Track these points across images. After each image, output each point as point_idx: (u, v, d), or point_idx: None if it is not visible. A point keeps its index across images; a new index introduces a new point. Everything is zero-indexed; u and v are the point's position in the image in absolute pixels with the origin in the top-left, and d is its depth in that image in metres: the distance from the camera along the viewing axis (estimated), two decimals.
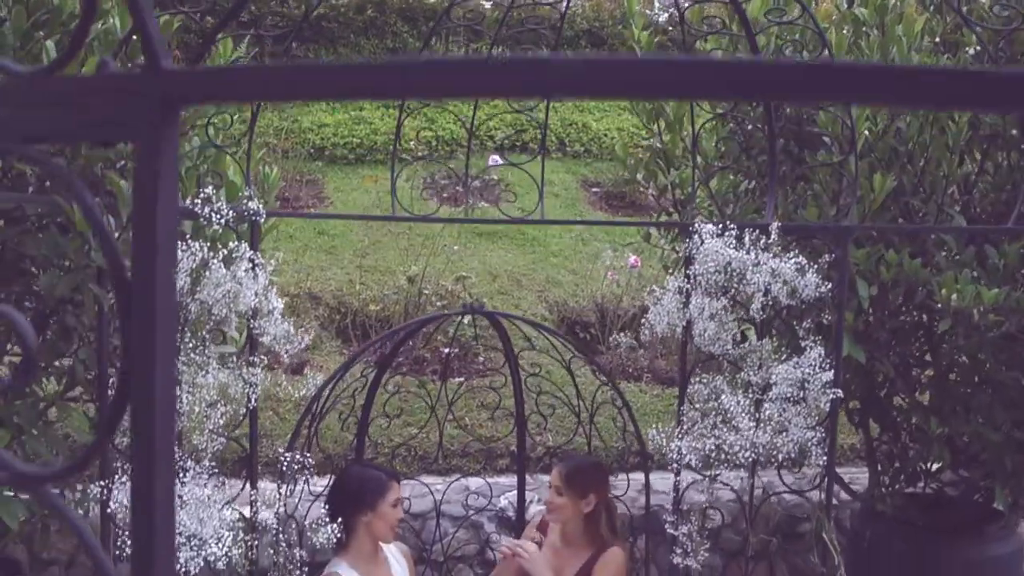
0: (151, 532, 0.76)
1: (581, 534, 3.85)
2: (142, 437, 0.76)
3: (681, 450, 3.31)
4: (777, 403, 3.23)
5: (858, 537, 4.92)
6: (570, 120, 9.05)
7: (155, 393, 0.73)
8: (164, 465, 0.76)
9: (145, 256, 0.70)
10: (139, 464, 0.79)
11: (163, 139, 0.72)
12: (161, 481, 0.77)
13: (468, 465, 5.66)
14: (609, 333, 6.90)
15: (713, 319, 3.29)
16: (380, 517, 3.63)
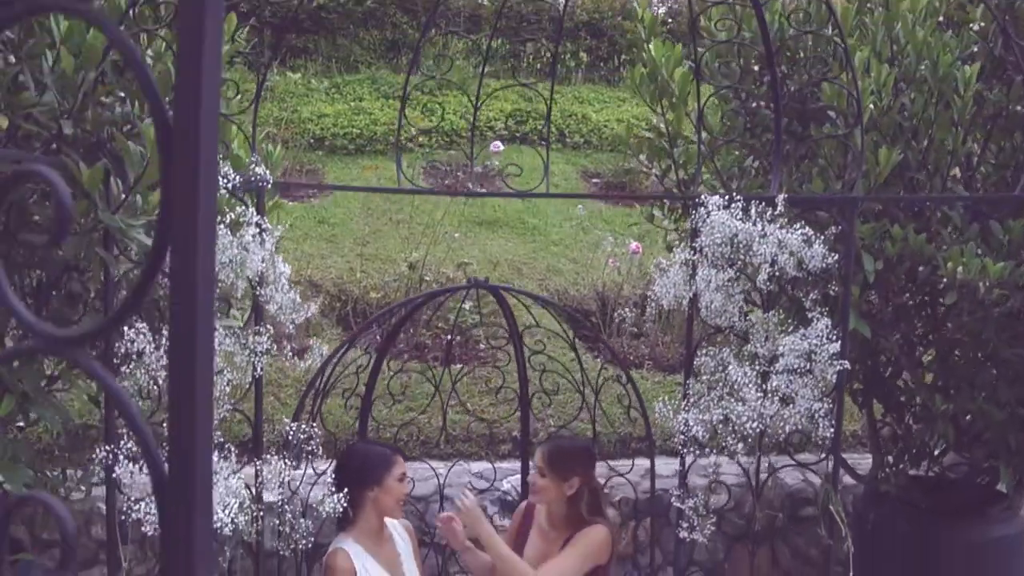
0: (192, 382, 0.75)
1: (564, 516, 3.78)
2: (183, 284, 0.75)
3: (688, 422, 3.30)
4: (784, 375, 3.22)
5: (862, 519, 4.91)
6: (570, 111, 9.05)
7: (197, 239, 0.73)
8: (204, 317, 0.76)
9: (189, 99, 0.70)
10: (179, 313, 0.78)
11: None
12: (203, 338, 0.76)
13: (470, 450, 5.65)
14: (610, 322, 6.90)
15: (720, 291, 3.29)
16: (386, 492, 3.62)
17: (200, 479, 0.82)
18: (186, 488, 0.82)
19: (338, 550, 3.61)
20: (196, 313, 0.79)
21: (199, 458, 0.82)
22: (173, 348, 0.80)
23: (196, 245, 0.79)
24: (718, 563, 5.38)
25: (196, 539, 0.83)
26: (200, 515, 0.83)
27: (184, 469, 0.82)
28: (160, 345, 2.74)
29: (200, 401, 0.79)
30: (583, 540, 3.67)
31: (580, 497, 3.71)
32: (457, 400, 5.60)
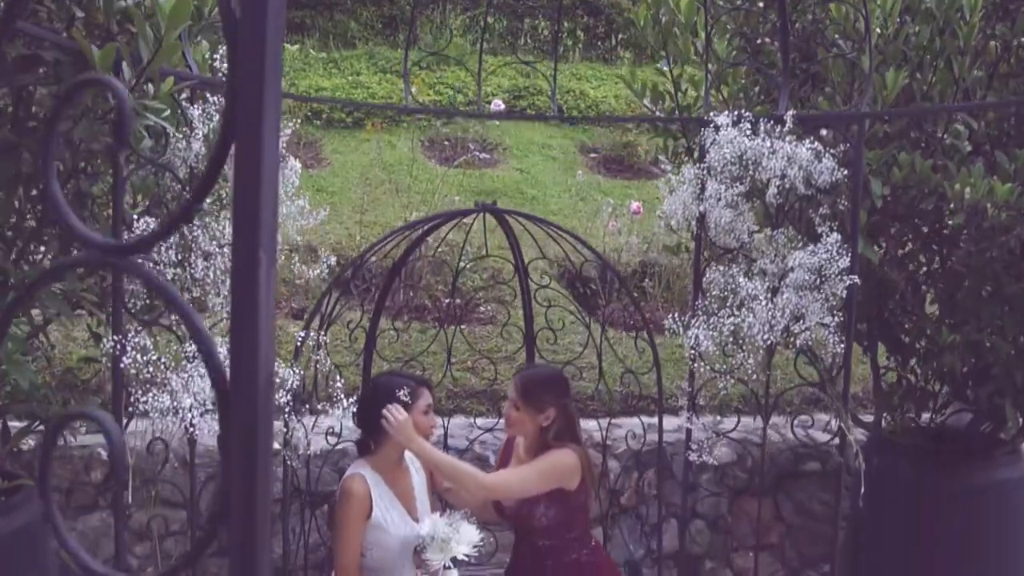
0: (255, 281, 0.75)
1: (540, 446, 3.70)
2: (247, 183, 0.75)
3: (698, 337, 3.28)
4: (793, 289, 3.21)
5: (866, 465, 4.90)
6: (568, 87, 9.06)
7: (263, 133, 0.74)
8: (268, 214, 0.76)
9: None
10: (242, 208, 0.77)
11: None
12: (267, 236, 0.76)
13: (472, 407, 5.63)
14: (610, 289, 6.89)
15: (728, 207, 3.28)
16: (412, 423, 3.58)
17: (262, 388, 0.82)
18: (251, 396, 0.82)
19: (356, 475, 3.58)
20: (260, 208, 0.79)
21: (261, 367, 0.82)
22: (237, 247, 0.79)
23: (262, 140, 0.79)
24: (720, 516, 5.37)
25: (259, 446, 0.83)
26: (262, 424, 0.83)
27: (247, 377, 0.82)
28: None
29: (263, 313, 0.80)
30: (545, 459, 3.59)
31: (555, 426, 3.62)
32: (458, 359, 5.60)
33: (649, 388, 5.75)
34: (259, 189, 0.80)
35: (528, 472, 3.53)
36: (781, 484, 5.43)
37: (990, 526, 4.70)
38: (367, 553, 3.58)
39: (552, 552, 3.69)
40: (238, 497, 0.82)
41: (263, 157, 0.80)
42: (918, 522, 4.70)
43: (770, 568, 5.37)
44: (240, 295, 0.80)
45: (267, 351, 0.82)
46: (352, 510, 3.49)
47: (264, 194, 0.80)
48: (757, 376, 3.33)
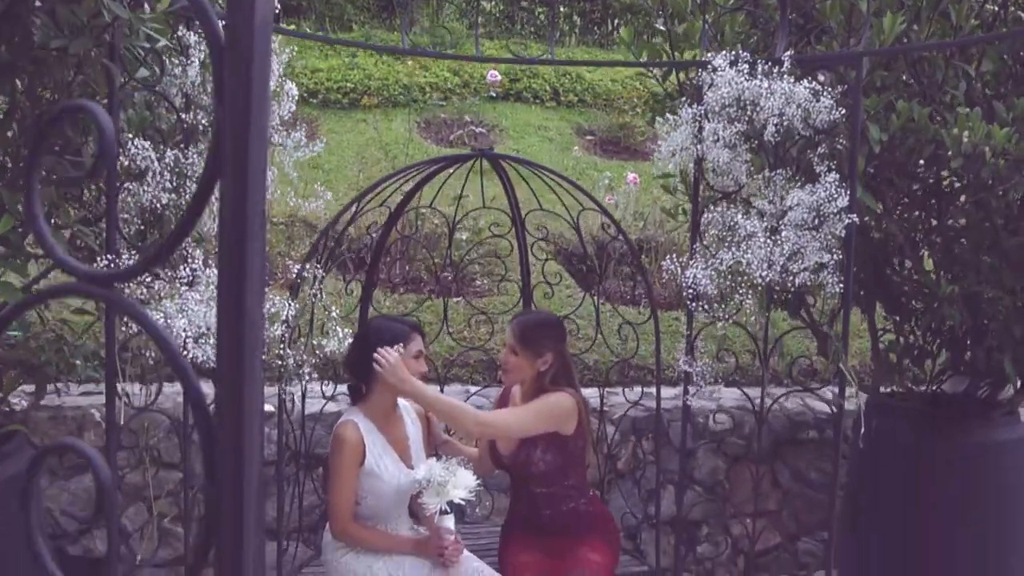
0: (241, 314, 0.73)
1: (538, 391, 3.68)
2: (235, 219, 0.74)
3: (696, 277, 3.26)
4: (792, 228, 3.19)
5: (865, 428, 4.88)
6: (564, 70, 9.05)
7: (248, 168, 0.72)
8: (255, 252, 0.74)
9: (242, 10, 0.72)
10: (230, 248, 0.75)
11: None
12: (253, 273, 0.74)
13: (468, 375, 5.60)
14: (606, 265, 6.88)
15: (726, 147, 3.26)
16: None
17: (248, 435, 0.78)
18: (238, 437, 0.78)
19: (348, 422, 3.55)
20: (246, 248, 0.76)
21: (247, 412, 0.78)
22: (223, 284, 0.76)
23: (247, 175, 0.76)
24: (718, 482, 5.35)
25: (245, 485, 0.78)
26: (248, 457, 0.79)
27: (234, 420, 0.78)
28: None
29: (248, 346, 0.76)
30: (542, 400, 3.57)
31: (552, 371, 3.61)
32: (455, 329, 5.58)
33: (646, 359, 5.75)
34: (244, 245, 0.76)
35: (525, 412, 3.50)
36: (779, 452, 5.42)
37: (988, 488, 4.68)
38: (361, 501, 3.55)
39: (549, 500, 3.66)
40: (227, 528, 0.78)
41: (248, 198, 0.76)
42: (917, 484, 4.67)
43: (767, 535, 5.35)
44: (225, 352, 0.76)
45: (253, 395, 0.77)
46: (345, 456, 3.46)
47: (251, 239, 0.76)
48: (756, 318, 3.31)
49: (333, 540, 3.60)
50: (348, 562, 3.54)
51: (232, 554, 0.76)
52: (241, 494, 0.78)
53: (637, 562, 4.12)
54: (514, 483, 3.81)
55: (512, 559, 3.65)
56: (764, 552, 5.37)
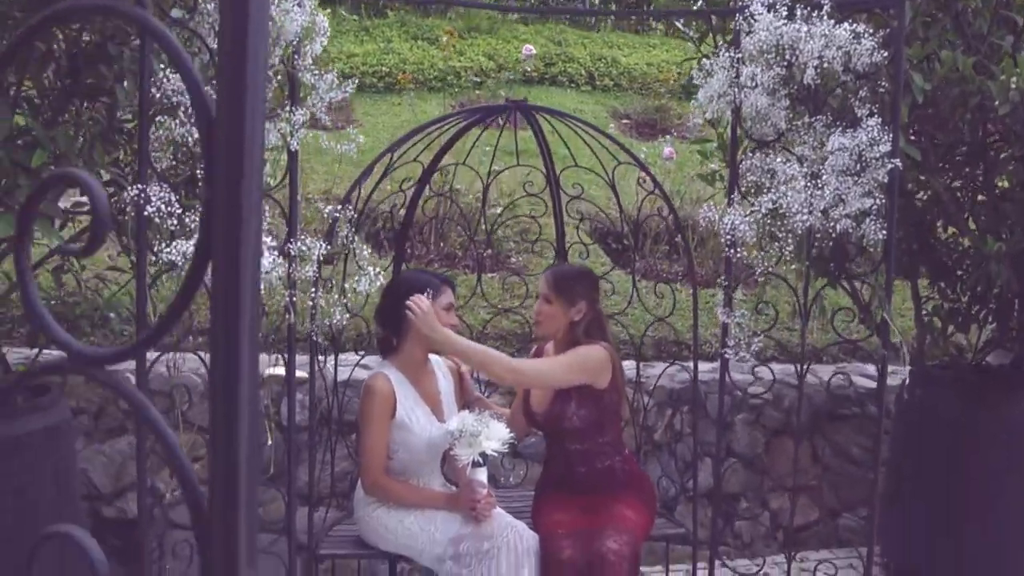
0: (236, 404, 0.69)
1: (570, 343, 3.63)
2: (226, 305, 0.70)
3: (734, 223, 3.19)
4: (833, 174, 3.11)
5: (909, 399, 4.78)
6: (599, 55, 9.00)
7: (241, 251, 0.69)
8: (249, 344, 0.70)
9: (233, 88, 0.68)
10: (222, 338, 0.71)
11: None
12: (248, 358, 0.69)
13: (503, 348, 5.56)
14: (643, 242, 6.82)
15: (765, 92, 3.19)
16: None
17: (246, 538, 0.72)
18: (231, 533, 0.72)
19: (378, 373, 3.52)
20: (240, 343, 0.72)
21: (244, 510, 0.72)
22: (215, 366, 0.72)
23: (240, 260, 0.72)
24: (756, 455, 5.26)
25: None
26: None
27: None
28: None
29: (242, 435, 0.71)
30: (575, 351, 3.51)
31: (586, 322, 3.56)
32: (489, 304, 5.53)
33: (683, 334, 5.68)
34: (239, 324, 0.72)
35: (557, 361, 3.46)
36: (819, 426, 5.31)
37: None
38: (393, 456, 3.52)
39: (584, 457, 3.60)
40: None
41: (240, 282, 0.72)
42: (961, 456, 4.57)
43: (807, 510, 5.25)
44: (219, 434, 0.72)
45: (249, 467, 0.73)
46: (375, 407, 3.43)
47: (244, 330, 0.72)
48: (795, 266, 3.23)
49: (365, 495, 3.57)
50: (380, 517, 3.51)
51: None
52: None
53: (673, 525, 4.04)
54: (548, 441, 3.75)
55: (546, 518, 3.59)
56: (803, 527, 5.26)
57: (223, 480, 0.66)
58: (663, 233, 7.04)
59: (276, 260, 2.68)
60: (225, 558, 0.65)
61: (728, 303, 3.38)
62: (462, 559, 3.35)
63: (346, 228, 3.11)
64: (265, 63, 0.71)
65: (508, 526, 3.37)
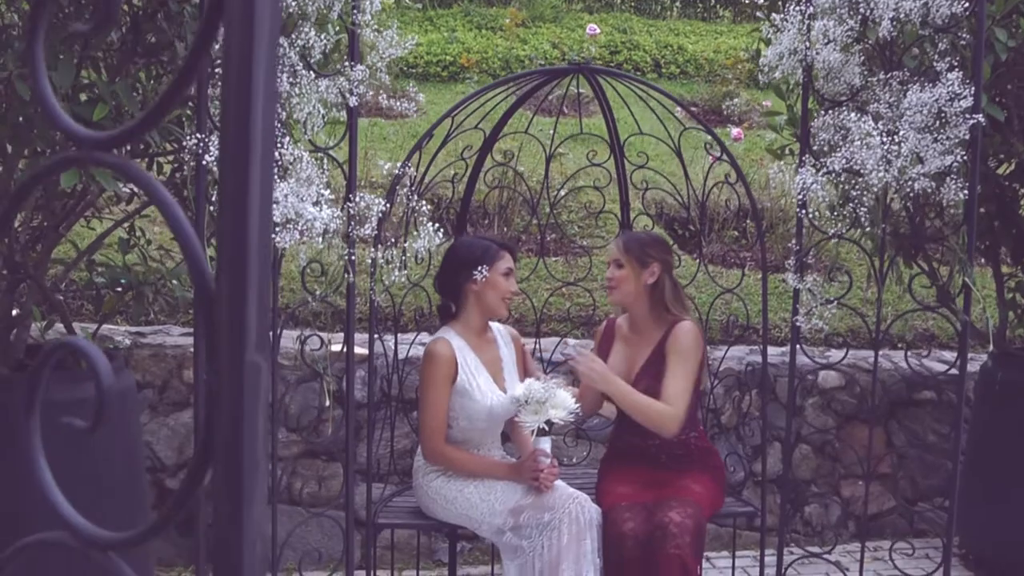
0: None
1: (648, 314, 3.56)
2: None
3: (806, 182, 3.06)
4: (911, 132, 2.97)
5: (991, 383, 4.58)
6: (665, 43, 8.87)
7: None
8: (266, 140, 0.62)
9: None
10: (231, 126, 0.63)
11: None
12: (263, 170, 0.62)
13: (566, 329, 5.48)
14: (710, 230, 6.69)
15: (838, 48, 3.06)
16: (490, 286, 3.46)
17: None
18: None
19: (440, 339, 3.47)
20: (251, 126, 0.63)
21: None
22: (224, 175, 0.63)
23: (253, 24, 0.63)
24: (828, 441, 5.09)
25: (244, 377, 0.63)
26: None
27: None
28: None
29: (253, 210, 0.63)
30: (679, 345, 3.45)
31: (660, 287, 3.49)
32: (552, 286, 5.46)
33: (752, 319, 5.54)
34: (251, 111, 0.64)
35: (682, 369, 3.42)
36: (893, 412, 5.13)
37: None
38: (453, 424, 3.46)
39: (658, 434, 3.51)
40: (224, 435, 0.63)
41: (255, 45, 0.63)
42: None
43: (880, 498, 5.06)
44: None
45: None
46: (437, 371, 3.37)
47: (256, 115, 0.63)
48: (871, 227, 3.09)
49: (424, 464, 3.52)
50: (439, 487, 3.45)
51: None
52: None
53: (741, 504, 3.92)
54: (622, 413, 3.65)
55: (609, 491, 3.51)
56: (876, 516, 5.08)
57: (231, 259, 0.59)
58: (730, 219, 6.91)
59: (335, 213, 2.64)
60: (232, 340, 0.57)
61: (799, 268, 3.25)
62: (522, 530, 3.28)
63: (407, 187, 3.06)
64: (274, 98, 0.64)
65: (570, 497, 3.29)
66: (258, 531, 0.58)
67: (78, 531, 0.69)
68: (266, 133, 0.62)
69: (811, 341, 5.26)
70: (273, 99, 0.65)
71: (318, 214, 2.51)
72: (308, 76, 2.73)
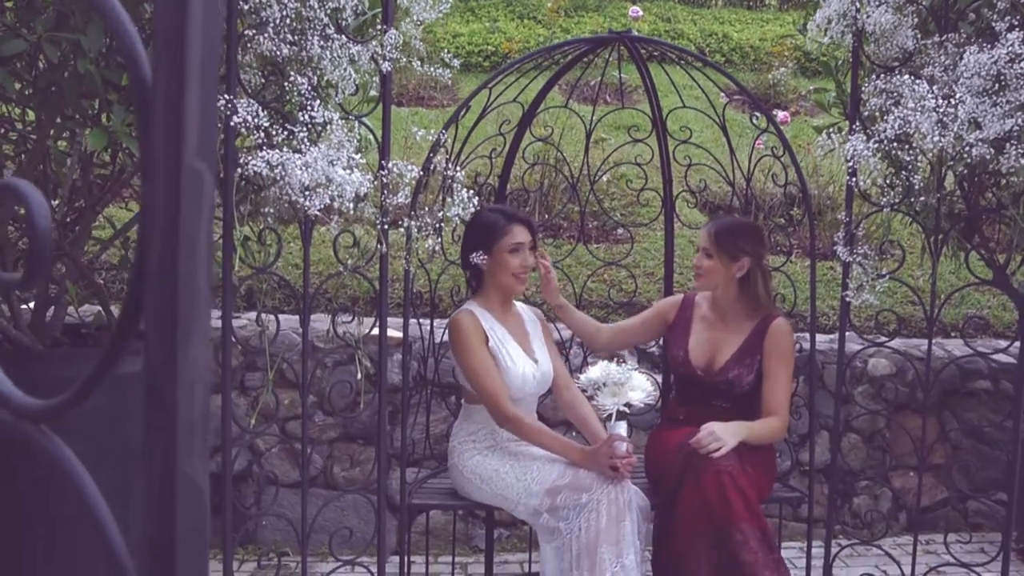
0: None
1: (734, 303, 3.49)
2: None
3: (856, 149, 2.93)
4: (968, 96, 2.83)
5: None
6: (710, 31, 8.72)
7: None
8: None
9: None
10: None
11: None
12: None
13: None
14: (755, 219, 6.54)
15: (891, 9, 2.93)
16: (497, 264, 3.38)
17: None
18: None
19: (461, 310, 3.40)
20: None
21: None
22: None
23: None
24: (878, 431, 4.93)
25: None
26: None
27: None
28: None
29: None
30: (782, 349, 3.42)
31: (752, 280, 3.41)
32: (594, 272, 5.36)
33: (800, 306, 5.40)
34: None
35: (786, 372, 3.39)
36: (946, 402, 4.95)
37: None
38: None
39: (724, 414, 3.40)
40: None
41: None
42: None
43: (933, 491, 4.89)
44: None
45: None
46: (468, 337, 3.28)
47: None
48: (925, 198, 2.95)
49: (460, 443, 3.44)
50: (474, 466, 3.36)
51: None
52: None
53: (788, 490, 3.79)
54: (688, 388, 3.56)
55: (655, 444, 3.49)
56: (928, 508, 4.91)
57: (168, 48, 0.49)
58: (776, 207, 6.76)
59: (366, 177, 2.57)
60: (168, 142, 0.49)
61: (848, 241, 3.12)
62: (559, 512, 3.17)
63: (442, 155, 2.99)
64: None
65: (609, 478, 3.18)
66: (197, 375, 0.49)
67: (10, 402, 0.60)
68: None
69: (861, 329, 5.10)
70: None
71: (348, 177, 2.44)
72: (339, 39, 2.66)
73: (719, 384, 3.46)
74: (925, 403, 3.82)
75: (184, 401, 0.49)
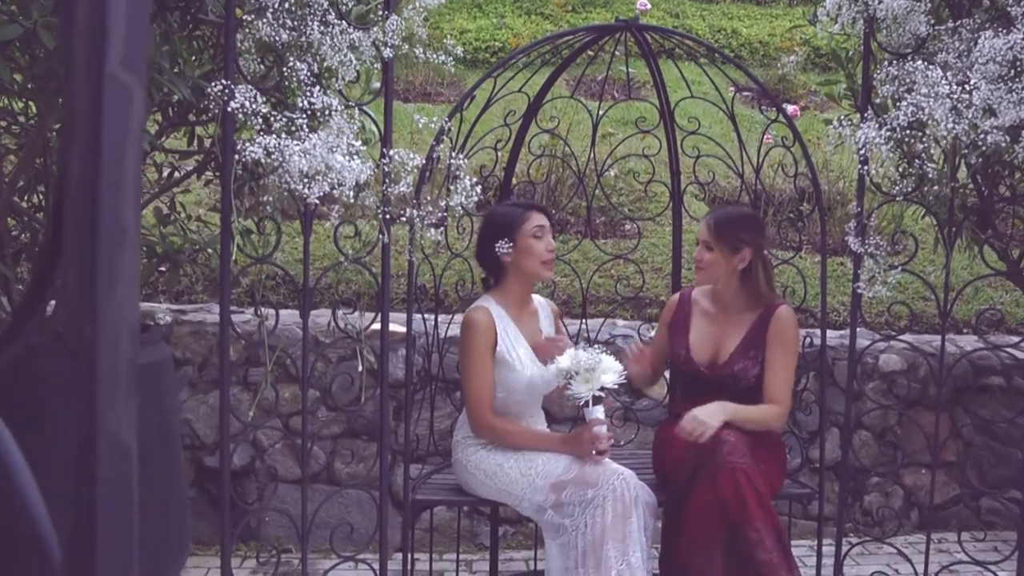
0: None
1: (736, 295, 3.43)
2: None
3: (868, 136, 2.87)
4: (983, 82, 2.76)
5: None
6: (719, 26, 8.65)
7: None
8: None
9: None
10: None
11: None
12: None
13: (615, 312, 5.31)
14: (764, 214, 6.48)
15: None
16: (523, 251, 3.34)
17: None
18: None
19: (479, 307, 3.35)
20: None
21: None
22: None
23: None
24: (889, 427, 4.86)
25: None
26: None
27: None
28: None
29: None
30: (785, 336, 3.36)
31: (753, 271, 3.35)
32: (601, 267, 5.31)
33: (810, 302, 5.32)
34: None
35: (789, 361, 3.36)
36: (958, 399, 4.88)
37: None
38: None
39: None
40: None
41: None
42: None
43: (945, 488, 4.82)
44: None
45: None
46: (477, 340, 3.24)
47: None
48: (939, 187, 2.88)
49: (463, 438, 3.39)
50: (477, 461, 3.31)
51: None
52: None
53: (799, 486, 3.73)
54: (693, 386, 3.50)
55: (663, 440, 3.43)
56: (941, 506, 4.84)
57: None
58: (785, 203, 6.70)
59: (367, 165, 2.52)
60: (90, 49, 0.42)
61: (860, 232, 3.06)
62: (564, 508, 3.12)
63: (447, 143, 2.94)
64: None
65: (614, 473, 3.12)
66: (122, 316, 0.44)
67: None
68: None
69: (872, 325, 5.03)
70: None
71: (348, 164, 2.39)
72: (340, 25, 2.61)
73: (725, 378, 3.40)
74: (938, 399, 3.74)
75: (106, 349, 0.43)
